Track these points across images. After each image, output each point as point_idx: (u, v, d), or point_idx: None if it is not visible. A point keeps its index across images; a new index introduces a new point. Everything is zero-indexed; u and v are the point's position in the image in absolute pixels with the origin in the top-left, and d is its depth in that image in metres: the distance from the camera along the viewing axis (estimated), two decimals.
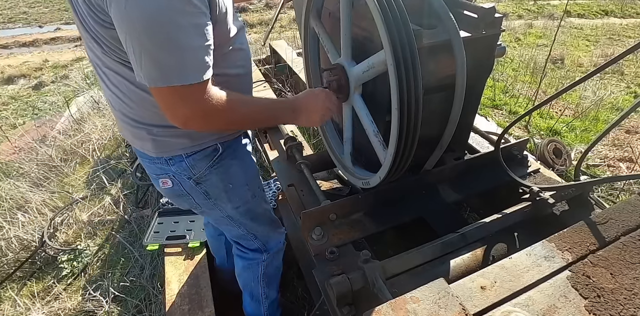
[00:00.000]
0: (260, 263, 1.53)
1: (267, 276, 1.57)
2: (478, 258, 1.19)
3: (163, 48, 0.82)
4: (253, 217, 1.39)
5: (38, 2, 11.70)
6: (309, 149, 1.88)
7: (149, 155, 1.17)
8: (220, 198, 1.28)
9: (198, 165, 1.18)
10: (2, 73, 6.42)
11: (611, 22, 9.76)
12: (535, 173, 1.48)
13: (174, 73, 0.85)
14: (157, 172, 1.20)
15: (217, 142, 1.19)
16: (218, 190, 1.25)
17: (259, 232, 1.45)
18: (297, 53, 3.44)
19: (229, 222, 1.37)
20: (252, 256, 1.52)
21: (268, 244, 1.51)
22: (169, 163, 1.17)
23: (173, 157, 1.16)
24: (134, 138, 1.16)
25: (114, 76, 1.02)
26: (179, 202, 1.31)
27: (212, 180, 1.23)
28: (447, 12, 1.02)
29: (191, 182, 1.20)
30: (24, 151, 3.62)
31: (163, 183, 1.22)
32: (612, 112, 4.22)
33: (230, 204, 1.30)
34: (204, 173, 1.20)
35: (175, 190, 1.23)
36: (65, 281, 2.31)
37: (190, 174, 1.19)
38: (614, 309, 0.80)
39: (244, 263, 1.55)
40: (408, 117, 0.96)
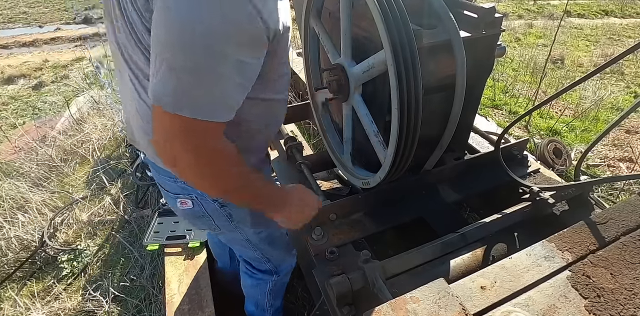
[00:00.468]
0: (269, 282, 1.51)
1: (274, 292, 1.56)
2: (478, 258, 1.19)
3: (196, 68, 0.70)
4: (271, 242, 1.35)
5: (38, 2, 11.69)
6: (309, 149, 1.88)
7: (169, 172, 1.05)
8: (244, 222, 1.20)
9: None
10: (2, 73, 6.41)
11: (611, 22, 9.76)
12: (535, 173, 1.48)
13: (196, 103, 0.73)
14: (178, 191, 1.10)
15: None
16: (243, 214, 1.18)
17: (274, 256, 1.42)
18: (297, 53, 3.43)
19: (246, 245, 1.31)
20: (261, 276, 1.49)
21: (279, 267, 1.48)
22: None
23: None
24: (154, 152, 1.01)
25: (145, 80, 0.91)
26: (196, 222, 1.21)
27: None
28: (447, 12, 1.02)
29: (216, 204, 1.12)
30: (24, 151, 3.62)
31: (182, 204, 1.12)
32: (612, 112, 4.22)
33: (253, 229, 1.24)
34: None
35: (196, 211, 1.14)
36: (65, 281, 2.31)
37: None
38: (614, 309, 0.80)
39: (252, 281, 1.53)
40: (408, 117, 0.96)
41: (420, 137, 1.02)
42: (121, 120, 3.73)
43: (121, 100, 1.05)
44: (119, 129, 3.66)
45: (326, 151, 1.61)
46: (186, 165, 0.81)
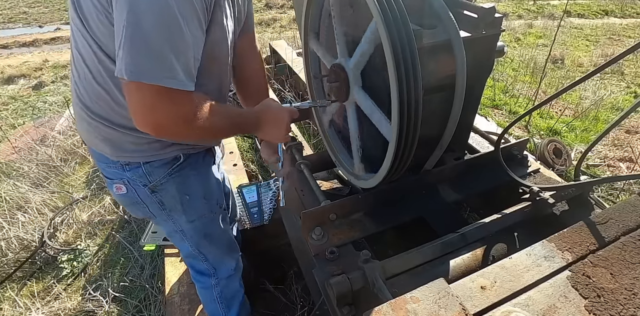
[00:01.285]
0: (213, 287, 1.48)
1: (224, 299, 1.52)
2: (478, 258, 1.19)
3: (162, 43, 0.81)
4: (207, 235, 1.34)
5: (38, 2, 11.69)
6: (309, 149, 1.88)
7: (105, 158, 1.12)
8: (175, 210, 1.23)
9: (155, 172, 1.13)
10: (2, 73, 6.41)
11: (611, 22, 9.76)
12: (535, 173, 1.48)
13: (167, 73, 0.82)
14: (112, 176, 1.15)
15: (180, 153, 1.15)
16: (174, 201, 1.20)
17: (211, 253, 1.40)
18: (297, 53, 3.44)
19: (181, 237, 1.31)
20: (201, 279, 1.48)
21: (218, 269, 1.45)
22: (124, 169, 1.11)
23: (130, 162, 1.10)
24: (90, 136, 1.10)
25: (81, 64, 0.99)
26: (133, 210, 1.25)
27: (168, 189, 1.17)
28: (447, 12, 1.02)
29: (146, 189, 1.15)
30: (23, 151, 3.62)
31: (117, 189, 1.16)
32: (612, 112, 4.22)
33: (185, 217, 1.25)
34: (160, 182, 1.15)
35: (130, 196, 1.17)
36: (65, 281, 2.31)
37: (146, 181, 1.14)
38: (614, 309, 0.80)
39: (197, 284, 1.52)
40: (408, 117, 0.96)
41: (420, 137, 1.02)
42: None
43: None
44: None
45: (326, 151, 1.61)
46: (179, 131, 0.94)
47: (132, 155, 1.09)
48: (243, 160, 3.01)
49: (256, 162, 3.18)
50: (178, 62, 0.83)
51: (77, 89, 1.05)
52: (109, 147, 1.08)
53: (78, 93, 1.05)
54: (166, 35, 0.81)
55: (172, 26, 0.81)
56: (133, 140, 1.07)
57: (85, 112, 1.05)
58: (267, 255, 2.06)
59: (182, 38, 0.83)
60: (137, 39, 0.79)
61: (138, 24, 0.78)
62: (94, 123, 1.05)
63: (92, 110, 1.04)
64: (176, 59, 0.83)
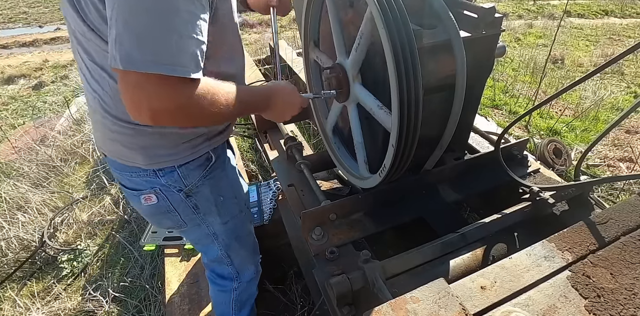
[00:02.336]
0: (232, 290, 1.48)
1: (239, 302, 1.52)
2: (478, 258, 1.19)
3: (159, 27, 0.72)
4: (238, 236, 1.34)
5: (38, 2, 11.70)
6: (309, 149, 1.88)
7: (130, 168, 1.06)
8: (210, 212, 1.22)
9: (191, 175, 1.11)
10: (2, 73, 6.41)
11: (611, 22, 9.76)
12: (535, 173, 1.48)
13: (165, 59, 0.73)
14: (139, 186, 1.09)
15: (209, 150, 1.14)
16: (208, 203, 1.19)
17: (239, 256, 1.40)
18: (297, 53, 3.43)
19: (212, 241, 1.30)
20: (222, 283, 1.47)
21: (242, 273, 1.45)
22: (157, 175, 1.06)
23: (164, 167, 1.06)
24: (117, 147, 1.03)
25: (96, 69, 0.93)
26: (161, 219, 1.20)
27: (203, 192, 1.16)
28: (447, 12, 1.02)
29: (181, 194, 1.12)
30: (23, 151, 3.62)
31: (146, 200, 1.10)
32: (612, 112, 4.22)
33: (220, 218, 1.24)
34: (196, 185, 1.13)
35: (161, 206, 1.13)
36: (65, 281, 2.31)
37: (182, 186, 1.11)
38: (614, 309, 0.80)
39: (215, 287, 1.51)
40: (408, 117, 0.96)
41: (420, 137, 1.01)
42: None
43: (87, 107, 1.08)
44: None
45: (326, 151, 1.61)
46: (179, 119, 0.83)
47: (167, 159, 1.05)
48: (243, 160, 3.01)
49: (256, 162, 3.18)
50: (177, 46, 0.75)
51: (100, 100, 0.97)
52: (141, 156, 1.02)
53: (102, 103, 0.98)
54: (161, 17, 0.72)
55: (169, 7, 0.72)
56: (167, 144, 1.03)
57: (112, 122, 0.98)
58: (267, 255, 2.06)
59: (181, 18, 0.74)
60: (130, 23, 0.71)
61: (129, 5, 0.71)
62: (125, 132, 0.99)
63: (121, 118, 0.98)
64: (175, 44, 0.74)
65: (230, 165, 1.29)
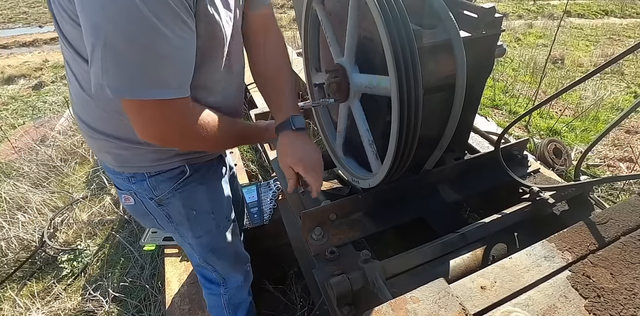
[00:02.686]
0: (222, 295, 1.46)
1: (232, 305, 1.50)
2: (478, 258, 1.19)
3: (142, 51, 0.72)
4: (214, 250, 1.31)
5: (38, 2, 11.70)
6: None
7: (112, 169, 1.09)
8: (182, 225, 1.20)
9: (161, 186, 1.09)
10: (2, 73, 6.41)
11: (611, 22, 9.76)
12: (535, 173, 1.48)
13: (151, 84, 0.74)
14: (120, 186, 1.13)
15: (185, 164, 1.11)
16: (180, 216, 1.17)
17: (219, 265, 1.37)
18: (297, 53, 3.43)
19: (190, 249, 1.30)
20: (210, 286, 1.46)
21: (227, 280, 1.44)
22: (130, 181, 1.08)
23: (135, 174, 1.07)
24: (95, 150, 1.07)
25: (69, 71, 0.93)
26: (143, 220, 1.23)
27: (174, 204, 1.14)
28: (447, 12, 1.02)
29: (152, 202, 1.12)
30: (23, 151, 3.62)
31: (125, 200, 1.14)
32: (612, 112, 4.22)
33: (191, 232, 1.22)
34: (166, 196, 1.12)
35: (138, 208, 1.15)
36: (65, 281, 2.31)
37: (152, 195, 1.10)
38: (614, 309, 0.80)
39: (205, 290, 1.51)
40: (408, 117, 0.96)
41: (420, 137, 1.01)
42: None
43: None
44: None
45: (326, 151, 1.61)
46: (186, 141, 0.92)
47: (136, 165, 1.06)
48: (243, 160, 3.01)
49: (256, 162, 3.18)
50: (161, 69, 0.75)
51: (72, 102, 0.99)
52: (113, 160, 1.05)
53: (74, 106, 1.00)
54: (141, 41, 0.71)
55: (146, 29, 0.70)
56: (135, 152, 1.03)
57: (84, 126, 1.01)
58: (267, 255, 2.06)
59: (162, 41, 0.73)
60: (109, 51, 0.70)
61: (106, 33, 0.69)
62: (95, 137, 1.01)
63: (89, 124, 1.00)
64: (158, 67, 0.74)
65: (214, 178, 1.23)
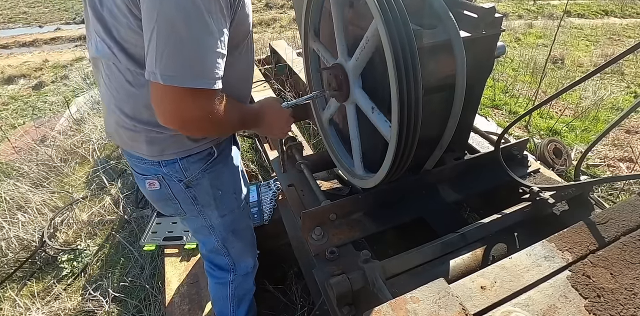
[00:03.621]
0: (229, 283, 1.50)
1: (236, 297, 1.54)
2: (478, 258, 1.19)
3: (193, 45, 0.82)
4: (235, 230, 1.38)
5: (38, 2, 11.70)
6: (309, 149, 1.88)
7: (139, 155, 1.14)
8: (208, 205, 1.26)
9: (191, 168, 1.16)
10: (2, 73, 6.42)
11: (611, 22, 9.76)
12: (535, 173, 1.48)
13: (199, 74, 0.85)
14: (146, 171, 1.17)
15: (212, 145, 1.18)
16: (207, 196, 1.23)
17: (235, 248, 1.43)
18: (297, 53, 3.44)
19: (209, 232, 1.34)
20: (219, 274, 1.50)
21: (237, 264, 1.48)
22: (160, 164, 1.13)
23: (167, 159, 1.13)
24: (127, 140, 1.12)
25: (115, 70, 1.00)
26: (163, 206, 1.27)
27: (203, 184, 1.20)
28: (447, 12, 1.02)
29: (181, 184, 1.17)
30: (23, 151, 3.62)
31: (150, 185, 1.18)
32: (612, 112, 4.22)
33: (217, 212, 1.28)
34: (196, 177, 1.18)
35: (162, 193, 1.19)
36: (65, 281, 2.31)
37: (182, 177, 1.16)
38: (614, 309, 0.80)
39: (212, 280, 1.54)
40: (408, 117, 0.96)
41: (420, 137, 1.01)
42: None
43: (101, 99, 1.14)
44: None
45: (326, 151, 1.61)
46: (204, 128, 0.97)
47: (170, 152, 1.12)
48: (243, 160, 3.01)
49: (256, 162, 3.18)
50: (207, 61, 0.85)
51: (112, 96, 1.05)
52: (146, 148, 1.10)
53: (114, 99, 1.05)
54: (196, 36, 0.82)
55: (201, 25, 0.82)
56: (176, 140, 1.10)
57: (126, 119, 1.06)
58: (267, 255, 2.06)
59: (211, 35, 0.84)
60: (170, 42, 0.81)
61: (168, 26, 0.80)
62: (137, 129, 1.07)
63: (128, 115, 1.05)
64: (206, 59, 0.85)
65: (232, 161, 1.32)
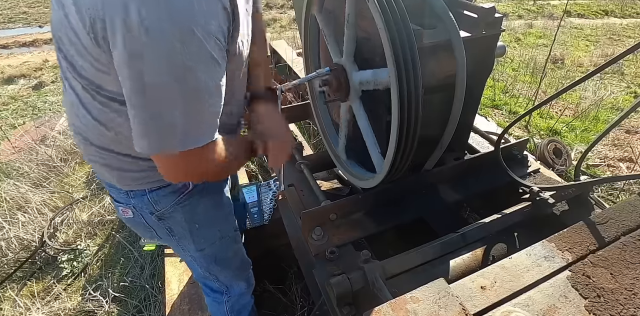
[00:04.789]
0: (225, 302, 1.46)
1: (234, 311, 1.49)
2: (478, 258, 1.19)
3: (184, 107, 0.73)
4: (218, 260, 1.30)
5: (38, 2, 11.69)
6: (309, 149, 1.88)
7: (107, 182, 1.07)
8: (184, 238, 1.17)
9: (162, 201, 1.07)
10: (2, 73, 6.41)
11: (611, 22, 9.76)
12: (535, 173, 1.48)
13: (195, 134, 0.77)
14: (118, 198, 1.09)
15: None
16: (182, 230, 1.15)
17: (222, 275, 1.36)
18: (297, 53, 3.44)
19: (191, 260, 1.28)
20: (213, 295, 1.46)
21: (230, 287, 1.44)
22: (129, 195, 1.05)
23: (134, 190, 1.04)
24: (96, 166, 1.03)
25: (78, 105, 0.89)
26: (142, 232, 1.20)
27: (176, 218, 1.12)
28: (447, 12, 1.02)
29: (153, 217, 1.09)
30: (23, 151, 3.62)
31: (124, 212, 1.11)
32: (612, 112, 4.22)
33: (194, 245, 1.20)
34: (167, 210, 1.09)
35: (136, 221, 1.12)
36: (65, 281, 2.31)
37: (152, 209, 1.08)
38: (614, 309, 0.80)
39: (208, 298, 1.50)
40: (408, 117, 0.96)
41: (420, 137, 1.02)
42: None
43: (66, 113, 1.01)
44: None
45: (326, 151, 1.61)
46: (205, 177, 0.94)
47: (138, 182, 1.03)
48: None
49: (256, 162, 3.18)
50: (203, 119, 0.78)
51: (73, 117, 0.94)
52: (115, 177, 1.02)
53: (74, 121, 0.95)
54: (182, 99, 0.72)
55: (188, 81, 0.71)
56: (137, 168, 1.00)
57: (91, 148, 0.98)
58: (267, 255, 2.06)
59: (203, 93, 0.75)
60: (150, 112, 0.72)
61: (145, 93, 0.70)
62: (101, 156, 0.98)
63: (98, 146, 0.96)
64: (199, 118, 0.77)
65: (216, 189, 1.22)
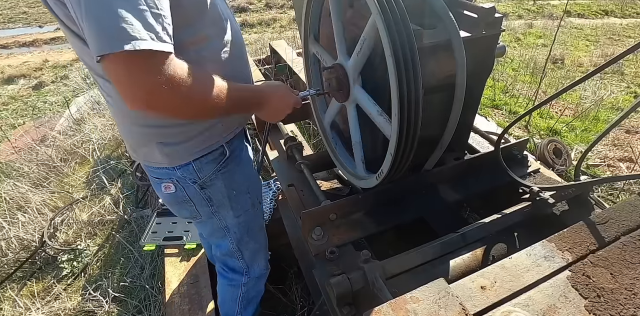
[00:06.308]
0: (241, 286, 1.50)
1: (245, 299, 1.54)
2: (478, 258, 1.19)
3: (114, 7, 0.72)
4: (249, 230, 1.38)
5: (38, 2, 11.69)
6: (309, 149, 1.88)
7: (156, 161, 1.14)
8: (223, 206, 1.26)
9: (205, 169, 1.17)
10: (2, 73, 6.41)
11: (611, 22, 9.76)
12: (535, 173, 1.48)
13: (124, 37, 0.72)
14: (161, 175, 1.18)
15: (223, 144, 1.18)
16: (221, 196, 1.24)
17: (248, 250, 1.43)
18: (297, 53, 3.44)
19: (224, 234, 1.35)
20: (232, 276, 1.50)
21: (251, 267, 1.48)
22: (175, 169, 1.14)
23: (180, 163, 1.14)
24: (138, 147, 1.12)
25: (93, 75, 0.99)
26: (179, 209, 1.29)
27: (217, 185, 1.21)
28: (447, 12, 1.02)
29: (196, 186, 1.18)
30: (23, 151, 3.62)
31: (165, 188, 1.19)
32: (612, 112, 4.22)
33: (232, 212, 1.29)
34: (209, 178, 1.19)
35: (178, 195, 1.20)
36: (65, 281, 2.31)
37: (196, 178, 1.17)
38: (614, 309, 0.80)
39: (224, 281, 1.54)
40: (408, 117, 0.96)
41: (420, 137, 1.02)
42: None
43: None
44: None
45: (326, 151, 1.61)
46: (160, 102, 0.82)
47: (183, 154, 1.11)
48: None
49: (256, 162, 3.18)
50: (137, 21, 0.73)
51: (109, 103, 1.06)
52: (159, 155, 1.10)
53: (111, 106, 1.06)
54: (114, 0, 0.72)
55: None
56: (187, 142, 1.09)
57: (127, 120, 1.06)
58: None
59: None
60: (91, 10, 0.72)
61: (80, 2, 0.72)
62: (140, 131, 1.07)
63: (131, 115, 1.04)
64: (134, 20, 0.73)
65: (245, 159, 1.31)
